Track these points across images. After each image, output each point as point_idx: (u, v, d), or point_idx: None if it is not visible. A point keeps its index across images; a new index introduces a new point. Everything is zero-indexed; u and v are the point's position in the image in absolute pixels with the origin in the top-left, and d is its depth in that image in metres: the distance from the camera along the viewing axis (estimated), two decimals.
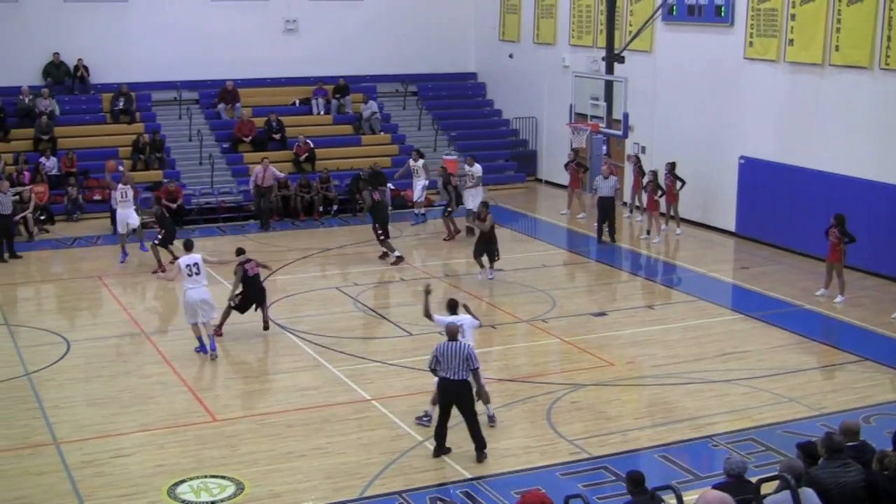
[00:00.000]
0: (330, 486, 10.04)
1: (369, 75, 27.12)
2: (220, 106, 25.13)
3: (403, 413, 11.73)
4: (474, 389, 10.59)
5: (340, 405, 12.12)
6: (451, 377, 10.29)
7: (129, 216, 18.56)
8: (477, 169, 20.31)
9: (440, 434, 10.56)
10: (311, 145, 24.04)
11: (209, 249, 19.70)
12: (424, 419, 11.27)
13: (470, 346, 10.56)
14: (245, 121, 24.42)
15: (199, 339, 13.62)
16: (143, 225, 18.97)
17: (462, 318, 11.26)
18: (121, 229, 18.66)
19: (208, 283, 13.84)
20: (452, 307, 11.42)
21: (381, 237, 18.21)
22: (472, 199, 20.03)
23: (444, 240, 20.23)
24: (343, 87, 26.14)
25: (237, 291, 14.21)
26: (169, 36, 24.98)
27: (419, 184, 21.57)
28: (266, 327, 14.44)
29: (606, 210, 19.97)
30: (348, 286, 17.16)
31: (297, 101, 26.08)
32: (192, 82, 25.49)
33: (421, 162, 21.61)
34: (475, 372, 10.45)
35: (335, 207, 22.45)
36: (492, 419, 11.27)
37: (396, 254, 18.28)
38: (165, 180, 22.13)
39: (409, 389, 12.55)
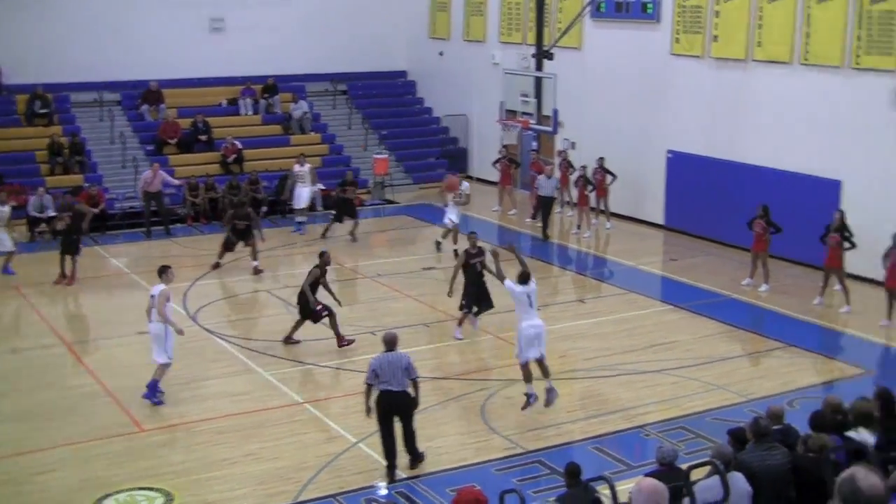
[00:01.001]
0: (263, 492, 9.85)
1: (298, 74, 26.79)
2: (144, 107, 24.54)
3: (336, 415, 11.59)
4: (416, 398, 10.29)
5: (272, 409, 11.91)
6: (394, 389, 9.96)
7: (2, 239, 17.40)
8: (465, 187, 19.52)
9: (391, 451, 10.08)
10: (240, 146, 23.65)
11: (133, 256, 19.31)
12: (531, 399, 11.29)
13: (408, 356, 10.19)
14: (170, 122, 23.89)
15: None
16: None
17: (532, 287, 11.50)
18: None
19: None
20: (525, 278, 11.49)
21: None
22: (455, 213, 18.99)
23: (353, 241, 19.90)
24: (272, 86, 25.76)
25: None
26: (89, 34, 24.09)
27: (305, 189, 21.16)
28: (342, 344, 13.77)
29: (547, 208, 20.39)
30: (279, 288, 16.91)
31: (225, 102, 25.64)
32: (113, 83, 24.74)
33: (307, 167, 21.29)
34: (414, 382, 10.10)
35: (264, 209, 22.08)
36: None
37: (255, 264, 17.69)
38: (86, 185, 21.50)
39: (341, 391, 12.41)
